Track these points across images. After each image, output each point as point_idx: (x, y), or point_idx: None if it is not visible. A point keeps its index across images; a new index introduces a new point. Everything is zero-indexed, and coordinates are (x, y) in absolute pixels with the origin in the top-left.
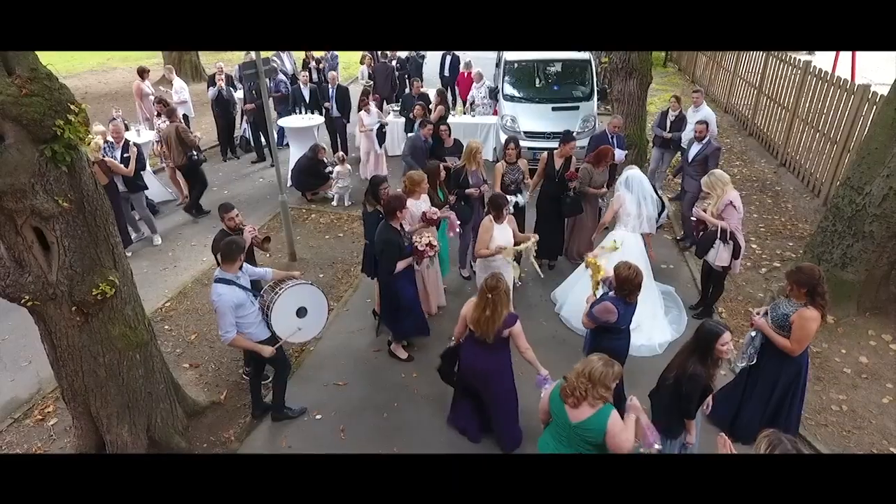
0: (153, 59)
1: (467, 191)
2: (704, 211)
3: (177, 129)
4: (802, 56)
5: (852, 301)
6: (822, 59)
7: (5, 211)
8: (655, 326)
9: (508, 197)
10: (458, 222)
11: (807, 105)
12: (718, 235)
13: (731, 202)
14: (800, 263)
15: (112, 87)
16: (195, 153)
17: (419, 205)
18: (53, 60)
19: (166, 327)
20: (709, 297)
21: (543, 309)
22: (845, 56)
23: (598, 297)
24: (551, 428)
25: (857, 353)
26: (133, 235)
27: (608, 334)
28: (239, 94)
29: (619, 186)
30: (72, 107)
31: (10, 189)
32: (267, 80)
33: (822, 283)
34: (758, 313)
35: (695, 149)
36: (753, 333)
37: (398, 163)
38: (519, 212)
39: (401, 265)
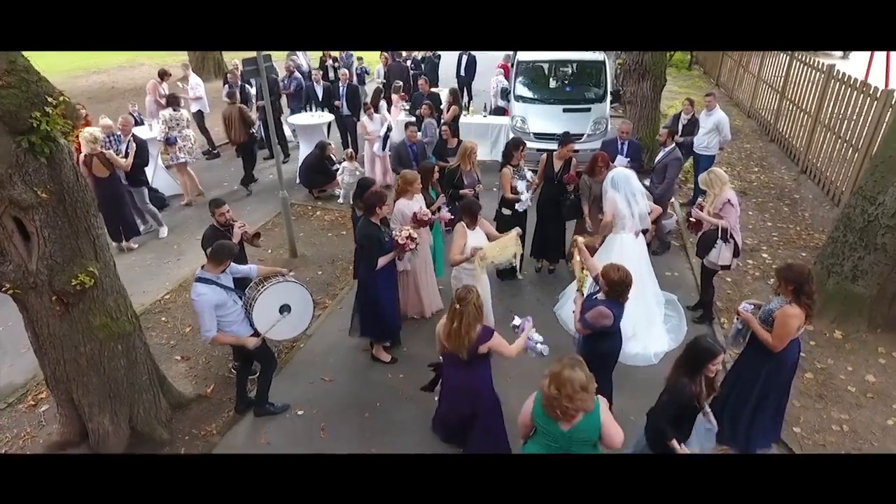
0: (179, 56)
1: (461, 191)
2: (701, 210)
3: (240, 110)
4: (836, 59)
5: (863, 316)
6: (856, 61)
7: None
8: (651, 335)
9: (522, 198)
10: (450, 216)
11: (829, 110)
12: (719, 235)
13: (728, 200)
14: (791, 262)
15: (138, 83)
16: (255, 131)
17: (411, 205)
18: (84, 56)
19: (163, 319)
20: (703, 300)
21: (540, 313)
22: (880, 57)
23: (585, 296)
24: (538, 439)
25: (864, 370)
26: (141, 228)
27: (604, 336)
28: (254, 91)
29: (606, 188)
30: (49, 99)
31: None
32: (281, 76)
33: (809, 282)
34: (747, 303)
35: (659, 155)
36: (740, 326)
37: None
38: (520, 214)
39: (382, 260)
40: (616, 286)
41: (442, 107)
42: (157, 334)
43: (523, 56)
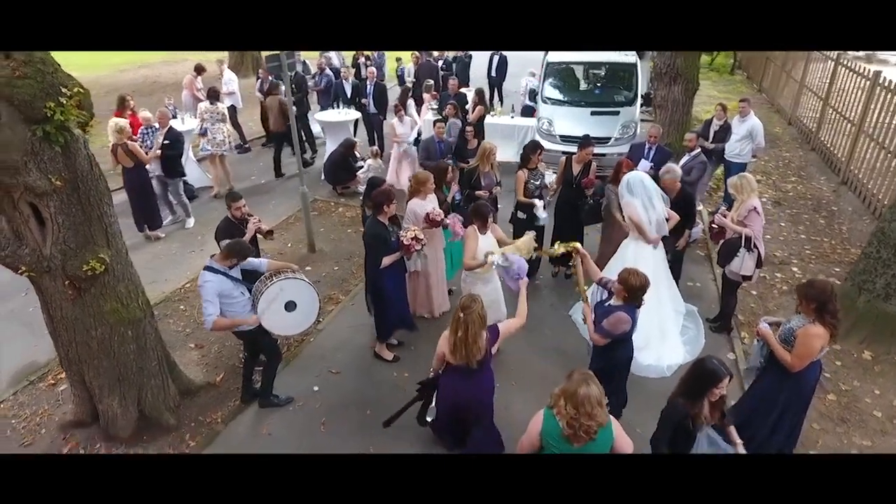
0: (220, 53)
1: (477, 192)
2: (724, 217)
3: (279, 102)
4: (893, 66)
5: (895, 337)
6: None
7: (3, 186)
8: (666, 346)
9: (537, 202)
10: (461, 229)
11: (874, 119)
12: (742, 243)
13: (754, 208)
14: (813, 278)
15: (179, 78)
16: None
17: (424, 205)
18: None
19: (181, 307)
20: (723, 311)
21: (551, 318)
22: None
23: (592, 304)
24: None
25: (892, 395)
26: (169, 218)
27: (618, 343)
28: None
29: (622, 193)
30: (64, 90)
31: (3, 165)
32: (312, 74)
33: (833, 300)
34: (765, 321)
35: (683, 159)
36: (761, 344)
37: None
38: (535, 217)
39: (387, 260)
40: (636, 291)
41: (468, 107)
42: (175, 322)
43: (553, 57)
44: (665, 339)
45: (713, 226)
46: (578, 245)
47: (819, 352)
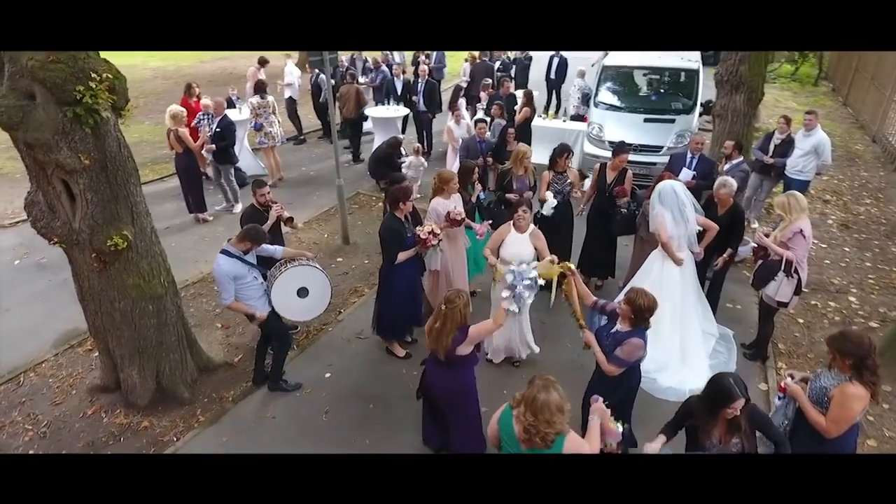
0: None
1: (507, 195)
2: (767, 236)
3: (357, 91)
4: None
5: None
6: None
7: (38, 162)
8: (690, 369)
9: (545, 206)
10: (485, 230)
11: None
12: (783, 267)
13: (801, 230)
14: (847, 329)
15: None
16: (364, 112)
17: (447, 204)
18: None
19: (215, 288)
20: (758, 337)
21: (573, 330)
22: None
23: (594, 329)
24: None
25: None
26: (223, 204)
27: (633, 368)
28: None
29: (653, 205)
30: (94, 75)
31: (37, 143)
32: (367, 71)
33: (872, 355)
34: (790, 376)
35: (725, 167)
36: (779, 402)
37: None
38: (565, 223)
39: (402, 256)
40: (643, 313)
41: (516, 107)
42: (206, 301)
43: (610, 61)
44: (686, 361)
45: (752, 243)
46: (570, 265)
47: (859, 414)
